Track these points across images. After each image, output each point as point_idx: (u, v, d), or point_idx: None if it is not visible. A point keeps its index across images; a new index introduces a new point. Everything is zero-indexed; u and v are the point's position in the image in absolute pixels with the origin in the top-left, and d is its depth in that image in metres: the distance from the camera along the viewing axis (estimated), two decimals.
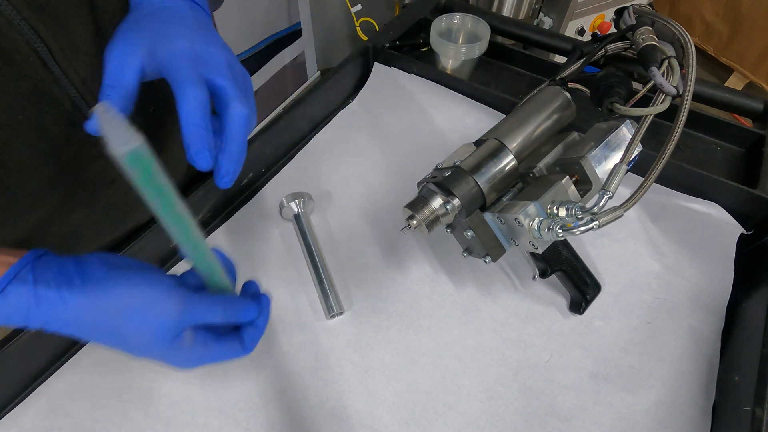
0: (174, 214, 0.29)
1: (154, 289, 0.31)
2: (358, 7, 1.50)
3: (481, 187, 0.46)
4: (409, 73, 0.73)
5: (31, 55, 0.37)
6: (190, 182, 0.60)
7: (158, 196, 0.28)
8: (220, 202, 0.61)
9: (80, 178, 0.45)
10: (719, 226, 0.56)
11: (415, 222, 0.46)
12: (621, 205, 0.38)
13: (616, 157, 0.44)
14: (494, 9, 1.31)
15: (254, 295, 0.38)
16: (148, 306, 0.31)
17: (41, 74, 0.38)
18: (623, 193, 0.52)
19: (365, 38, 1.50)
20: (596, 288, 0.53)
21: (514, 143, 0.47)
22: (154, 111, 0.49)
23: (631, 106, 0.45)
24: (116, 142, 0.23)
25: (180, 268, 0.56)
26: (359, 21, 1.49)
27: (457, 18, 0.76)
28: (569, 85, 0.52)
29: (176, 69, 0.35)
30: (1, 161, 0.39)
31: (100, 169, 0.46)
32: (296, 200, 0.58)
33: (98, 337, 0.32)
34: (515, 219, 0.42)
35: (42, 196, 0.43)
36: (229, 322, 0.35)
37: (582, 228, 0.38)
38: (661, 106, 0.43)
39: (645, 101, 0.45)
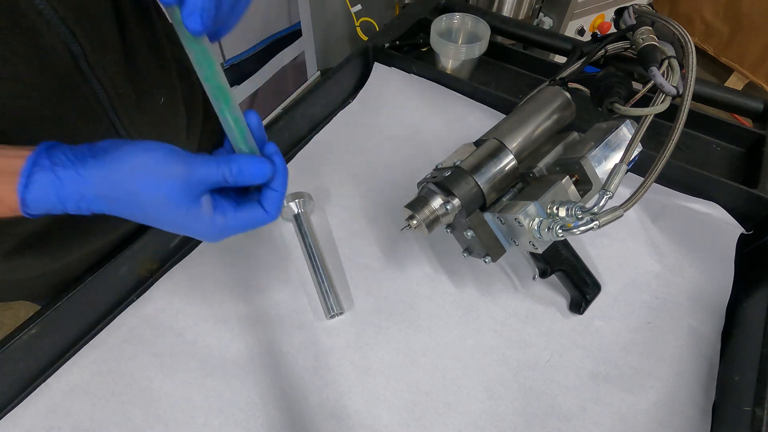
0: (194, 45, 0.32)
1: (158, 153, 0.32)
2: (358, 7, 1.50)
3: (481, 187, 0.46)
4: (409, 73, 0.73)
5: (65, 55, 0.38)
6: None
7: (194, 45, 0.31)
8: None
9: None
10: (719, 226, 0.56)
11: (415, 222, 0.46)
12: (621, 205, 0.38)
13: (616, 157, 0.44)
14: (494, 9, 1.31)
15: (272, 155, 0.37)
16: (155, 169, 0.31)
17: (72, 73, 0.39)
18: (623, 193, 0.52)
19: (365, 38, 1.50)
20: (596, 288, 0.53)
21: (514, 143, 0.47)
22: (165, 103, 0.50)
23: (631, 106, 0.45)
24: None
25: (181, 267, 0.56)
26: (359, 21, 1.49)
27: (457, 18, 0.76)
28: (569, 85, 0.52)
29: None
30: None
31: None
32: (296, 200, 0.58)
33: (122, 210, 0.32)
34: (515, 219, 0.42)
35: None
36: (240, 182, 0.34)
37: (582, 228, 0.38)
38: (661, 106, 0.43)
39: (645, 101, 0.45)
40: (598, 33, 1.43)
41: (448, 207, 0.45)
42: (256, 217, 0.36)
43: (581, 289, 0.52)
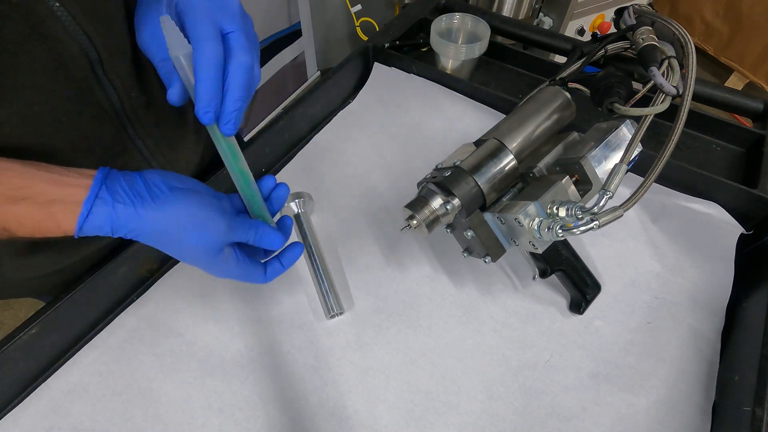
0: (225, 143, 0.38)
1: (209, 211, 0.37)
2: (358, 7, 1.50)
3: (481, 187, 0.46)
4: (409, 73, 0.73)
5: (82, 59, 0.39)
6: (203, 172, 0.61)
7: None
8: None
9: None
10: (719, 226, 0.56)
11: (415, 222, 0.46)
12: (621, 205, 0.38)
13: (616, 157, 0.44)
14: (494, 9, 1.31)
15: (286, 230, 0.44)
16: (203, 225, 0.37)
17: (88, 78, 0.40)
18: (623, 193, 0.52)
19: (365, 38, 1.50)
20: (596, 288, 0.53)
21: (514, 143, 0.47)
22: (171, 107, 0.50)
23: (631, 106, 0.45)
24: (173, 46, 0.32)
25: (181, 267, 0.56)
26: (359, 21, 1.49)
27: (457, 18, 0.76)
28: (569, 85, 0.52)
29: (195, 23, 0.35)
30: (43, 158, 0.40)
31: (124, 163, 0.48)
32: (296, 200, 0.58)
33: (162, 246, 0.37)
34: (515, 219, 0.42)
35: None
36: (258, 245, 0.41)
37: (582, 228, 0.38)
38: (661, 106, 0.43)
39: (645, 101, 0.45)
40: (598, 33, 1.43)
41: (448, 207, 0.45)
42: (258, 276, 0.42)
43: (581, 289, 0.52)
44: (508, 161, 0.47)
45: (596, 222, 0.38)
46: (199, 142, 0.59)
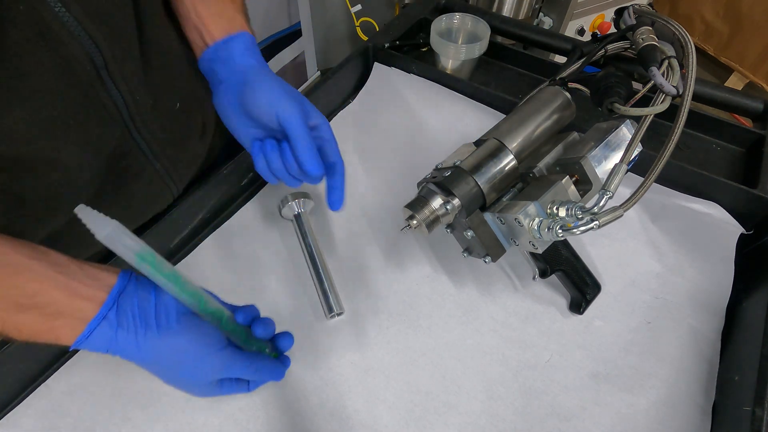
0: (187, 291, 0.37)
1: (209, 347, 0.38)
2: (358, 7, 1.50)
3: (481, 187, 0.46)
4: (409, 73, 0.73)
5: (87, 63, 0.39)
6: (205, 173, 0.61)
7: (171, 280, 0.36)
8: (220, 203, 0.61)
9: (112, 173, 0.47)
10: (719, 226, 0.56)
11: (415, 222, 0.46)
12: (621, 205, 0.38)
13: (616, 157, 0.44)
14: (494, 9, 1.31)
15: (281, 350, 0.46)
16: (200, 361, 0.38)
17: (94, 81, 0.40)
18: (623, 193, 0.52)
19: (365, 38, 1.50)
20: (596, 288, 0.53)
21: (514, 143, 0.47)
22: (180, 107, 0.51)
23: (631, 106, 0.45)
24: (97, 229, 0.31)
25: (181, 267, 0.56)
26: (359, 21, 1.49)
27: (457, 18, 0.76)
28: (569, 85, 0.52)
29: (294, 126, 0.43)
30: (50, 162, 0.41)
31: (128, 165, 0.48)
32: (296, 200, 0.58)
33: (157, 373, 0.38)
34: (515, 219, 0.42)
35: (81, 190, 0.45)
36: (256, 380, 0.44)
37: (582, 228, 0.38)
38: (661, 106, 0.43)
39: (645, 101, 0.45)
40: (598, 33, 1.43)
41: (448, 207, 0.45)
42: (241, 390, 0.44)
43: (581, 289, 0.52)
44: (508, 161, 0.47)
45: (596, 222, 0.38)
46: (203, 142, 0.59)
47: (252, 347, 0.43)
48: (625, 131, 0.46)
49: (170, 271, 0.36)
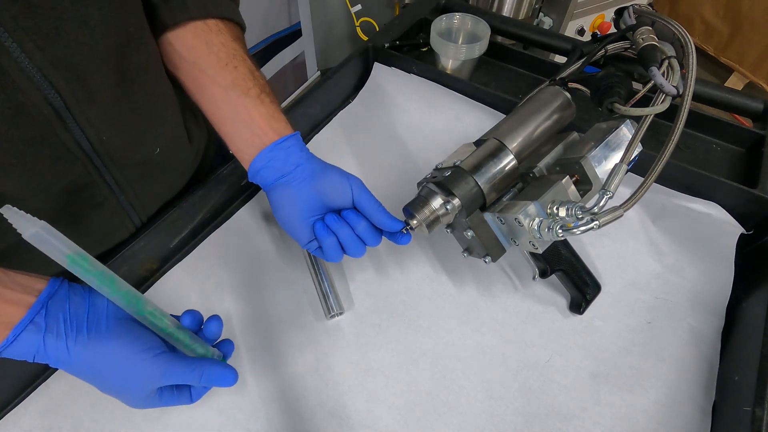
0: (121, 291, 0.35)
1: (143, 353, 0.36)
2: (358, 7, 1.50)
3: (481, 187, 0.46)
4: (409, 73, 0.73)
5: (45, 107, 0.38)
6: (171, 204, 0.59)
7: (105, 282, 0.34)
8: (220, 203, 0.61)
9: (70, 204, 0.46)
10: (719, 226, 0.56)
11: (415, 222, 0.46)
12: (621, 205, 0.38)
13: (616, 157, 0.44)
14: (494, 9, 1.31)
15: (225, 355, 0.43)
16: (135, 367, 0.35)
17: (53, 123, 0.39)
18: (623, 193, 0.52)
19: (365, 38, 1.50)
20: (596, 288, 0.53)
21: (514, 143, 0.47)
22: (160, 152, 0.51)
23: (631, 106, 0.45)
24: (22, 228, 0.30)
25: (181, 267, 0.56)
26: (359, 21, 1.49)
27: (457, 18, 0.76)
28: (569, 85, 0.52)
29: (368, 196, 0.48)
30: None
31: (89, 196, 0.47)
32: None
33: (90, 381, 0.36)
34: (515, 219, 0.42)
35: (34, 213, 0.44)
36: (203, 386, 0.40)
37: (582, 228, 0.38)
38: (661, 106, 0.43)
39: (645, 101, 0.45)
40: (598, 33, 1.43)
41: (448, 207, 0.45)
42: (184, 401, 0.41)
43: (581, 289, 0.52)
44: (508, 161, 0.47)
45: (596, 222, 0.38)
46: (180, 178, 0.58)
47: (197, 352, 0.40)
48: (625, 131, 0.46)
49: (103, 270, 0.35)
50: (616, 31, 0.55)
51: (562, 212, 0.40)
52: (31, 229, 0.31)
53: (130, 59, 0.42)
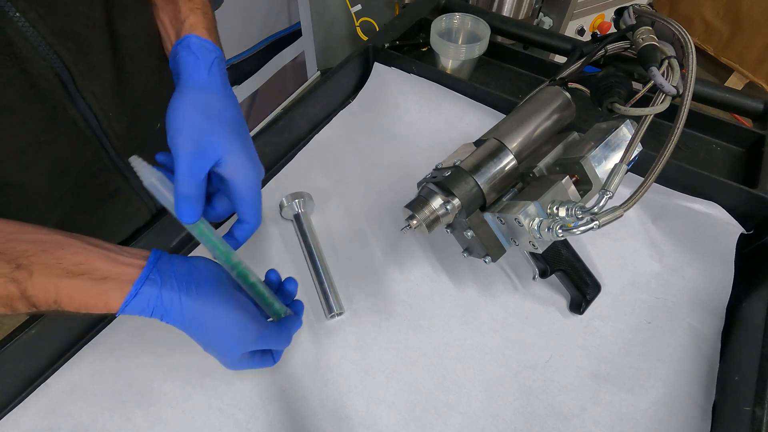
0: (213, 241, 0.39)
1: (246, 319, 0.38)
2: (358, 7, 1.50)
3: (481, 187, 0.46)
4: (409, 73, 0.73)
5: (53, 79, 0.38)
6: None
7: (207, 240, 0.39)
8: None
9: (85, 192, 0.47)
10: (719, 226, 0.56)
11: (415, 222, 0.46)
12: (621, 205, 0.38)
13: (616, 157, 0.44)
14: (494, 9, 1.31)
15: (292, 295, 0.45)
16: (241, 329, 0.38)
17: (61, 97, 0.40)
18: (623, 193, 0.52)
19: (365, 38, 1.50)
20: (596, 288, 0.53)
21: (514, 143, 0.47)
22: (161, 128, 0.51)
23: (631, 106, 0.45)
24: (143, 177, 0.35)
25: None
26: (359, 21, 1.49)
27: (457, 18, 0.76)
28: (569, 85, 0.52)
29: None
30: (18, 181, 0.41)
31: (103, 183, 0.48)
32: (296, 200, 0.58)
33: (194, 335, 0.38)
34: (515, 219, 0.42)
35: (50, 210, 0.45)
36: (281, 348, 0.43)
37: (582, 228, 0.38)
38: (661, 106, 0.43)
39: (645, 101, 0.45)
40: (598, 33, 1.43)
41: (448, 207, 0.45)
42: (267, 363, 0.43)
43: (581, 289, 0.52)
44: (508, 161, 0.47)
45: (596, 222, 0.38)
46: None
47: (274, 308, 0.43)
48: (625, 131, 0.46)
49: (202, 218, 0.38)
50: (616, 31, 0.55)
51: (562, 212, 0.40)
52: (151, 178, 0.35)
53: (119, 27, 0.42)
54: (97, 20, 0.40)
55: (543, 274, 0.51)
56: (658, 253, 0.57)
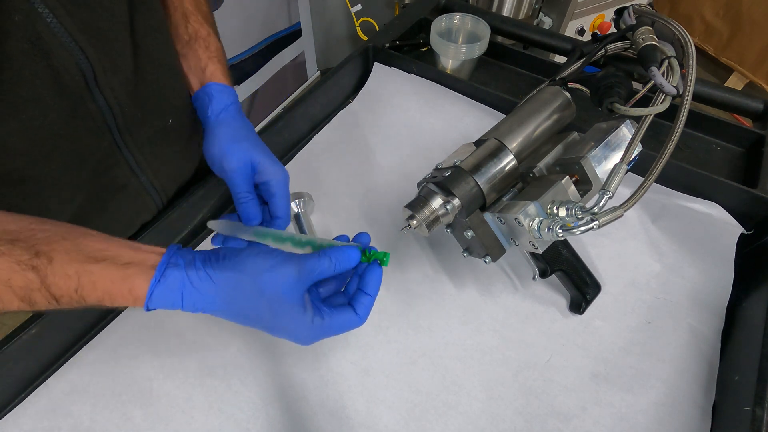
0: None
1: (276, 258, 0.35)
2: (358, 7, 1.50)
3: (481, 187, 0.46)
4: (409, 73, 0.73)
5: (77, 74, 0.39)
6: (190, 184, 0.61)
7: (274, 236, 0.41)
8: (220, 203, 0.61)
9: (99, 185, 0.48)
10: (719, 226, 0.56)
11: (415, 222, 0.46)
12: (621, 205, 0.38)
13: (616, 157, 0.44)
14: (494, 9, 1.31)
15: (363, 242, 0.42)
16: (275, 270, 0.34)
17: (82, 91, 0.41)
18: (623, 193, 0.52)
19: (365, 38, 1.50)
20: (596, 288, 0.53)
21: (514, 143, 0.47)
22: (172, 124, 0.52)
23: (631, 106, 0.45)
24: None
25: None
26: (359, 21, 1.49)
27: (457, 18, 0.76)
28: (569, 85, 0.52)
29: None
30: (35, 174, 0.41)
31: (115, 176, 0.49)
32: (296, 200, 0.58)
33: (238, 311, 0.35)
34: (515, 219, 0.42)
35: (67, 202, 0.46)
36: (339, 270, 0.36)
37: (582, 228, 0.38)
38: (661, 106, 0.43)
39: (645, 101, 0.45)
40: (598, 33, 1.43)
41: (448, 207, 0.45)
42: (350, 321, 0.37)
43: (581, 289, 0.52)
44: (508, 161, 0.47)
45: (596, 222, 0.38)
46: (191, 159, 0.60)
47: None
48: (625, 131, 0.46)
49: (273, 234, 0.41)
50: (616, 31, 0.55)
51: (562, 212, 0.40)
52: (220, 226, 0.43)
53: (139, 24, 0.44)
54: (120, 16, 0.41)
55: (543, 274, 0.51)
56: (658, 253, 0.57)
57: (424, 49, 0.81)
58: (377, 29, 1.31)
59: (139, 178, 0.51)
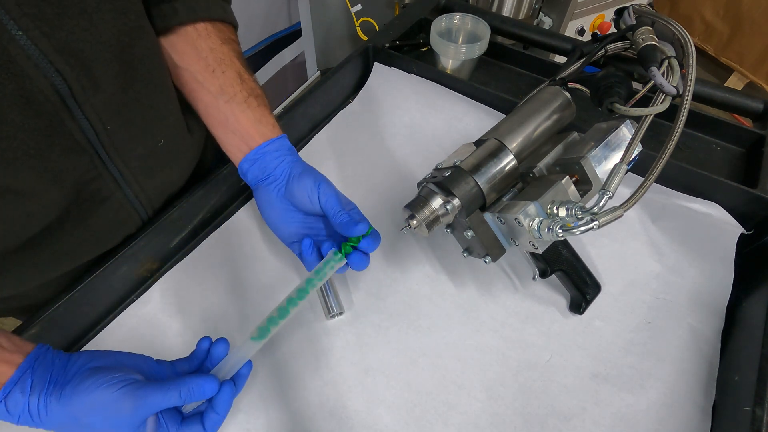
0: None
1: (111, 394, 0.36)
2: (358, 7, 1.49)
3: (481, 187, 0.46)
4: (409, 73, 0.73)
5: (52, 95, 0.38)
6: (176, 197, 0.59)
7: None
8: (220, 203, 0.61)
9: (76, 199, 0.46)
10: (719, 226, 0.56)
11: (415, 222, 0.46)
12: (621, 205, 0.38)
13: (616, 157, 0.44)
14: (494, 9, 1.31)
15: (222, 370, 0.41)
16: (106, 411, 0.36)
17: (59, 110, 0.39)
18: (623, 193, 0.52)
19: (365, 38, 1.50)
20: (596, 288, 0.53)
21: (514, 143, 0.47)
22: (164, 144, 0.52)
23: (631, 106, 0.45)
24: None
25: (181, 267, 0.56)
26: (359, 21, 1.49)
27: (457, 18, 0.76)
28: (569, 85, 0.52)
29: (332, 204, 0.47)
30: (9, 191, 0.40)
31: (95, 190, 0.47)
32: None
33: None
34: (515, 219, 0.42)
35: (42, 218, 0.44)
36: (188, 402, 0.38)
37: (582, 228, 0.38)
38: (661, 106, 0.43)
39: (645, 101, 0.45)
40: (598, 33, 1.43)
41: (448, 207, 0.45)
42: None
43: (581, 289, 0.52)
44: (508, 161, 0.47)
45: (596, 222, 0.38)
46: (181, 173, 0.58)
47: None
48: (625, 131, 0.46)
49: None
50: (616, 31, 0.55)
51: (562, 212, 0.40)
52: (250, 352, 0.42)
53: (133, 48, 0.43)
54: (102, 38, 0.40)
55: (543, 274, 0.51)
56: (658, 253, 0.57)
57: (424, 49, 0.81)
58: (377, 29, 1.31)
59: (124, 191, 0.50)
